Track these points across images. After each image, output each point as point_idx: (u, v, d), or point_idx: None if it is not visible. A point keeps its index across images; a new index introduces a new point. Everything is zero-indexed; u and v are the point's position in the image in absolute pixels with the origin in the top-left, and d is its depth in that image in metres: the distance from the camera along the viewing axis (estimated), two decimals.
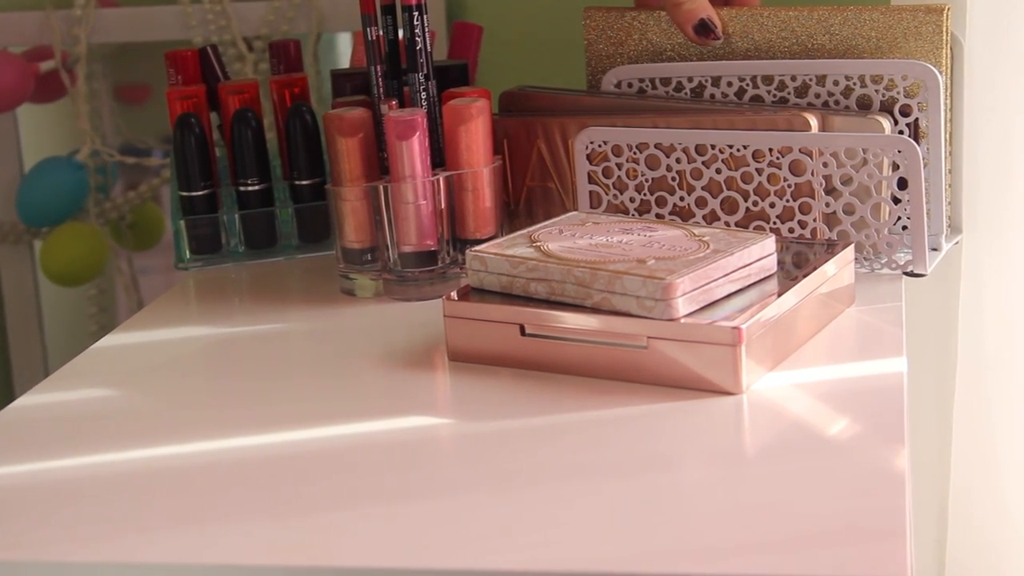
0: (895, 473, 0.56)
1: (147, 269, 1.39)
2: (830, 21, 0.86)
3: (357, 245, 0.85)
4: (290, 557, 0.53)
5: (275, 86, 0.95)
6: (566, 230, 0.76)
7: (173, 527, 0.56)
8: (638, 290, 0.67)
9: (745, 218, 0.84)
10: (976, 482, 1.01)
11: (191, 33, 1.19)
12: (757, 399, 0.65)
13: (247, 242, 0.95)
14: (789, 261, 0.75)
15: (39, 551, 0.55)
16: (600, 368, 0.69)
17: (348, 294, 0.86)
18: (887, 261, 0.82)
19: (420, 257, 0.84)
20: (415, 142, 0.82)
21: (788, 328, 0.70)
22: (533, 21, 1.16)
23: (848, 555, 0.50)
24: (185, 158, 0.92)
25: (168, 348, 0.81)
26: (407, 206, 0.82)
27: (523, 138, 0.90)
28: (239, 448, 0.64)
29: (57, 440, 0.67)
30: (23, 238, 1.31)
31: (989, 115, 0.93)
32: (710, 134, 0.83)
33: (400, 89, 0.86)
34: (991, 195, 0.94)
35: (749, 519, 0.54)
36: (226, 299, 0.89)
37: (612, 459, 0.60)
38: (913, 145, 0.79)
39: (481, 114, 0.84)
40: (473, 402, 0.68)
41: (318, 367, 0.76)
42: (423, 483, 0.59)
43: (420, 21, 0.84)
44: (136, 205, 1.28)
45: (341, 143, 0.84)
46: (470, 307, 0.72)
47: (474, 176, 0.84)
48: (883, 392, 0.65)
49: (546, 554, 0.52)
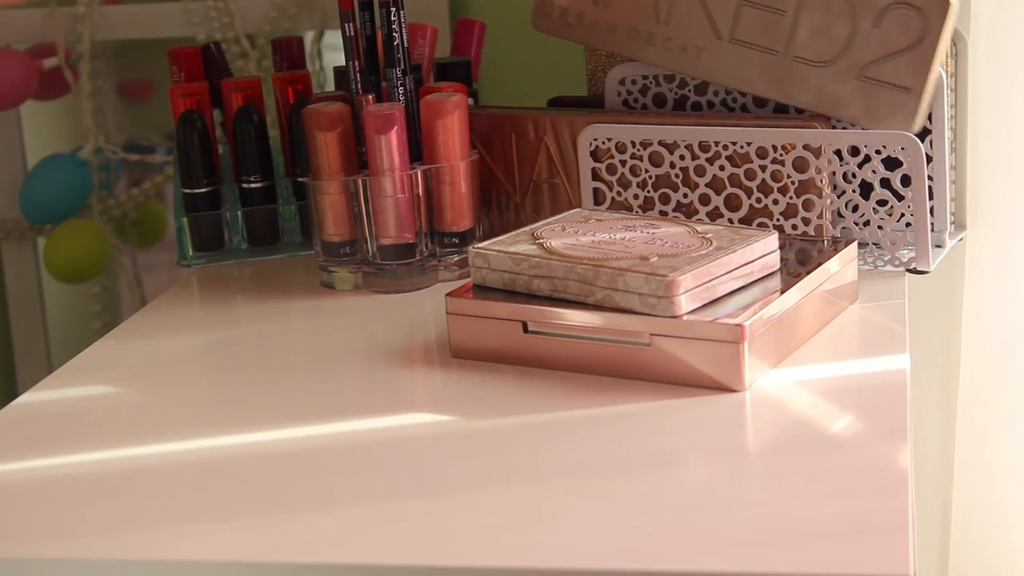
0: (898, 470, 0.56)
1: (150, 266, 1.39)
2: None
3: (336, 238, 0.86)
4: (294, 554, 0.53)
5: (278, 83, 0.95)
6: (569, 227, 0.76)
7: (175, 523, 0.56)
8: (641, 287, 0.67)
9: (748, 215, 0.84)
10: (980, 479, 1.00)
11: (194, 30, 1.19)
12: (760, 396, 0.65)
13: (250, 239, 0.95)
14: (792, 258, 0.75)
15: (42, 548, 0.55)
16: (603, 365, 0.69)
17: (328, 287, 0.87)
18: (890, 258, 0.82)
19: (399, 250, 0.84)
20: (393, 136, 0.82)
21: (791, 325, 0.70)
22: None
23: (851, 552, 0.50)
24: (188, 155, 0.92)
25: (171, 345, 0.81)
26: (385, 199, 0.83)
27: (532, 133, 0.90)
28: (242, 445, 0.64)
29: (60, 437, 0.67)
30: (27, 235, 1.31)
31: (993, 111, 0.93)
32: (714, 131, 0.83)
33: (378, 84, 0.87)
34: (995, 192, 0.94)
35: (752, 516, 0.54)
36: (229, 296, 0.90)
37: (615, 456, 0.60)
38: (916, 142, 0.79)
39: (457, 108, 0.85)
40: (476, 399, 0.68)
41: (322, 364, 0.76)
42: (427, 480, 0.59)
43: (398, 17, 0.84)
44: (139, 202, 1.28)
45: (319, 137, 0.84)
46: (473, 304, 0.72)
47: (451, 170, 0.85)
48: (886, 389, 0.65)
49: (549, 550, 0.52)
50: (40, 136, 1.36)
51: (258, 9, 1.19)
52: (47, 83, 1.25)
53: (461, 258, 0.86)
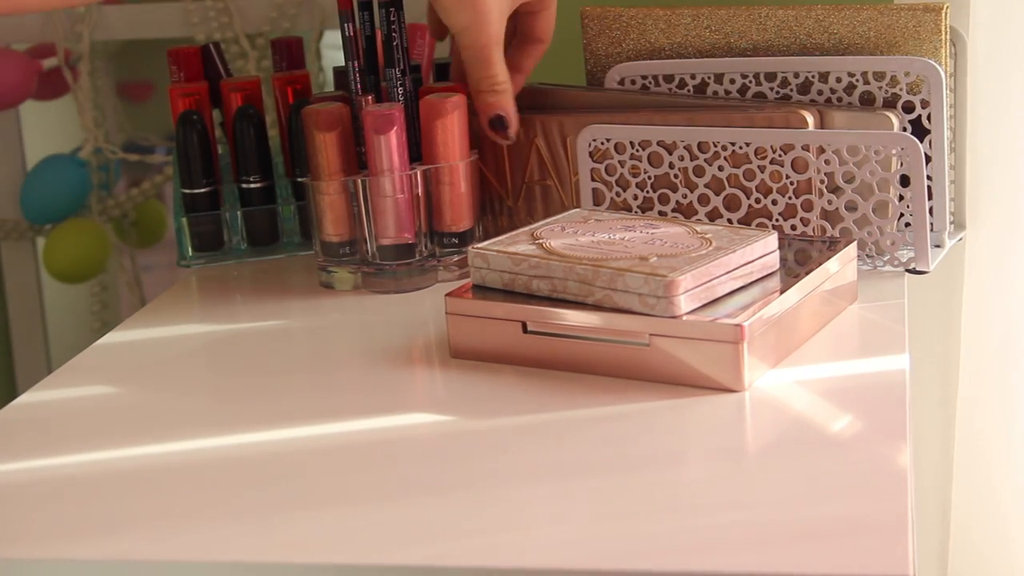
0: (897, 470, 0.56)
1: (149, 266, 1.39)
2: (829, 20, 0.86)
3: (336, 238, 0.86)
4: (294, 554, 0.53)
5: (277, 83, 0.95)
6: (568, 227, 0.76)
7: (176, 524, 0.56)
8: (640, 287, 0.67)
9: (747, 215, 0.84)
10: (979, 479, 1.01)
11: (194, 30, 1.19)
12: (759, 396, 0.65)
13: (249, 239, 0.95)
14: (791, 258, 0.75)
15: (42, 548, 0.55)
16: (602, 365, 0.69)
17: (327, 287, 0.87)
18: (890, 258, 0.82)
19: (398, 250, 0.85)
20: (392, 136, 0.82)
21: (790, 325, 0.70)
22: None
23: (851, 552, 0.50)
24: (187, 155, 0.92)
25: (170, 345, 0.81)
26: (385, 199, 0.83)
27: (521, 135, 0.90)
28: (242, 445, 0.64)
29: (59, 437, 0.67)
30: (26, 235, 1.31)
31: (993, 111, 0.93)
32: (712, 131, 0.83)
33: (378, 85, 0.87)
34: (995, 192, 0.94)
35: (751, 516, 0.54)
36: (228, 296, 0.90)
37: (614, 456, 0.60)
38: (915, 142, 0.79)
39: (457, 109, 0.85)
40: (475, 399, 0.68)
41: (321, 364, 0.76)
42: (426, 480, 0.59)
43: (397, 18, 0.84)
44: (139, 202, 1.28)
45: (319, 137, 0.84)
46: (472, 304, 0.72)
47: (451, 170, 0.85)
48: (885, 389, 0.65)
49: (548, 551, 0.52)
50: (40, 136, 1.36)
51: (258, 9, 1.19)
52: (46, 83, 1.25)
53: (461, 258, 0.86)
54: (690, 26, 0.90)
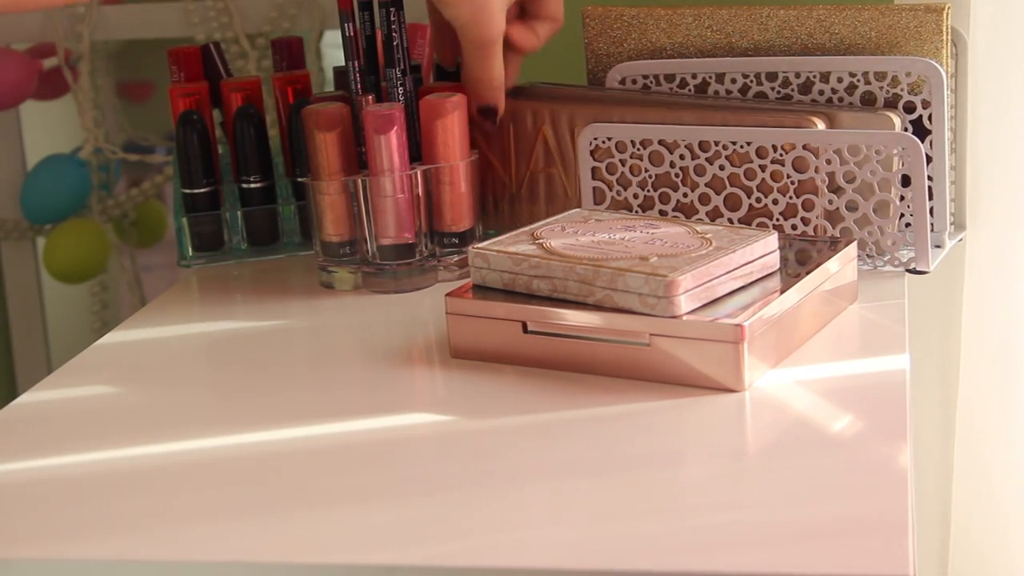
0: (898, 470, 0.56)
1: (150, 266, 1.39)
2: (830, 20, 0.86)
3: (336, 238, 0.86)
4: (294, 554, 0.53)
5: (277, 83, 0.95)
6: (568, 227, 0.76)
7: (175, 524, 0.56)
8: (640, 287, 0.67)
9: (748, 215, 0.84)
10: (979, 479, 1.00)
11: (194, 30, 1.19)
12: (759, 396, 0.65)
13: (249, 239, 0.95)
14: (792, 258, 0.75)
15: (42, 548, 0.55)
16: (602, 365, 0.69)
17: (327, 287, 0.87)
18: (890, 258, 0.82)
19: (398, 249, 0.85)
20: (393, 136, 0.82)
21: (790, 325, 0.70)
22: None
23: (851, 552, 0.50)
24: (187, 155, 0.92)
25: (170, 345, 0.81)
26: (385, 199, 0.83)
27: (529, 123, 0.90)
28: (242, 445, 0.64)
29: (59, 437, 0.67)
30: (26, 235, 1.31)
31: (993, 112, 0.93)
32: (714, 131, 0.83)
33: (378, 85, 0.87)
34: (995, 192, 0.94)
35: (751, 516, 0.54)
36: (228, 296, 0.89)
37: (614, 456, 0.60)
38: (916, 142, 0.79)
39: (457, 108, 0.85)
40: (476, 399, 0.68)
41: (321, 364, 0.76)
42: (426, 480, 0.59)
43: (397, 18, 0.85)
44: (139, 202, 1.28)
45: (319, 137, 0.85)
46: (472, 304, 0.72)
47: (451, 170, 0.85)
48: (886, 389, 0.65)
49: (548, 551, 0.52)
50: (40, 136, 1.36)
51: (258, 9, 1.19)
52: (46, 83, 1.25)
53: (461, 258, 0.86)
54: (691, 26, 0.90)
